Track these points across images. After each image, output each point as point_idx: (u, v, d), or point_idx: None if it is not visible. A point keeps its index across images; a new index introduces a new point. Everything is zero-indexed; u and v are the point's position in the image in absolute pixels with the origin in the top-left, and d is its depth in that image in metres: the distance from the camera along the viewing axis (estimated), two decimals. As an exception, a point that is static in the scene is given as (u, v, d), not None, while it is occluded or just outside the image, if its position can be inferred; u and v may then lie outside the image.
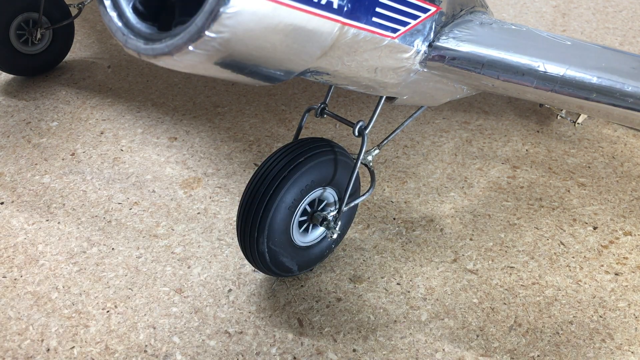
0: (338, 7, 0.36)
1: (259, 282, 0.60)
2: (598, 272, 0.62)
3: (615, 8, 1.32)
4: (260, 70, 0.37)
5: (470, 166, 0.79)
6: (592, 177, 0.77)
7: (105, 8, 0.35)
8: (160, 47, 0.33)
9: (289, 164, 0.52)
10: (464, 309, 0.58)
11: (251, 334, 0.55)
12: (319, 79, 0.44)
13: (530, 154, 0.81)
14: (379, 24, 0.40)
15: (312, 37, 0.36)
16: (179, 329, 0.55)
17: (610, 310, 0.58)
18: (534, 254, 0.64)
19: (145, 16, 0.35)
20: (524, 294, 0.60)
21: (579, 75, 0.45)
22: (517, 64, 0.47)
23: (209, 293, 0.59)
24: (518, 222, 0.69)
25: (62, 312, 0.57)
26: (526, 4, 1.35)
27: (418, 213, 0.70)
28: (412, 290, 0.60)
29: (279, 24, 0.33)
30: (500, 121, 0.89)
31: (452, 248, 0.65)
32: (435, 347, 0.54)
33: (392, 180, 0.75)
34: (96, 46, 1.11)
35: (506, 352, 0.54)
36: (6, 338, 0.54)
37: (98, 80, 1.00)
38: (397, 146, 0.82)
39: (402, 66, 0.47)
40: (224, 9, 0.30)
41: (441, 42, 0.48)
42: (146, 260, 0.63)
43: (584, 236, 0.67)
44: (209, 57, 0.33)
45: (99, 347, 0.54)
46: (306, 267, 0.60)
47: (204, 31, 0.31)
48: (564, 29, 1.23)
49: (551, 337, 0.55)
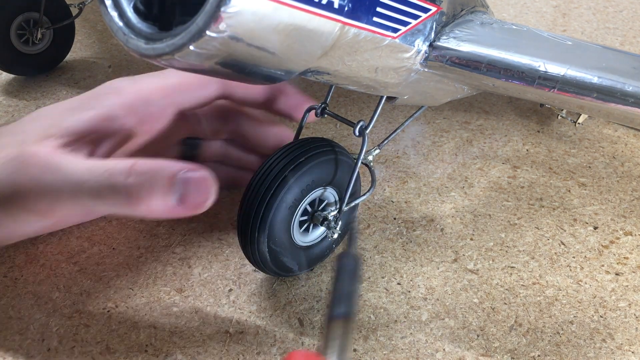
0: (339, 6, 0.36)
1: (259, 281, 0.60)
2: (599, 272, 0.62)
3: (616, 8, 1.32)
4: (261, 70, 0.37)
5: (470, 166, 0.79)
6: (592, 177, 0.77)
7: (106, 8, 0.35)
8: (161, 47, 0.33)
9: (290, 164, 0.52)
10: (464, 309, 0.58)
11: (252, 333, 0.55)
12: (319, 79, 0.44)
13: (530, 153, 0.81)
14: (380, 23, 0.40)
15: (313, 37, 0.36)
16: (180, 329, 0.55)
17: (610, 310, 0.58)
18: (534, 254, 0.64)
19: (146, 16, 0.35)
20: (525, 293, 0.60)
21: (579, 75, 0.45)
22: (517, 64, 0.47)
23: (210, 293, 0.59)
24: (518, 222, 0.69)
25: (62, 312, 0.57)
26: (526, 3, 1.35)
27: (418, 213, 0.70)
28: (413, 290, 0.60)
29: (280, 24, 0.33)
30: (501, 121, 0.89)
31: (452, 248, 0.65)
32: (436, 346, 0.54)
33: (392, 180, 0.75)
34: (97, 46, 1.11)
35: (507, 352, 0.54)
36: (7, 338, 0.54)
37: (99, 80, 1.00)
38: (397, 146, 0.82)
39: (403, 66, 0.47)
40: (225, 8, 0.30)
41: (442, 42, 0.48)
42: (147, 259, 0.63)
43: (585, 236, 0.67)
44: (209, 57, 0.33)
45: (100, 347, 0.54)
46: (307, 267, 0.60)
47: (204, 31, 0.31)
48: (564, 28, 1.23)
49: (552, 337, 0.55)
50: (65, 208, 0.50)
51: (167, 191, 0.46)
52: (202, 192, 0.47)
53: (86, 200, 0.48)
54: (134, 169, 0.47)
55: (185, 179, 0.47)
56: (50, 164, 0.48)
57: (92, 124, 0.54)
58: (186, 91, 0.60)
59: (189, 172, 0.47)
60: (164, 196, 0.46)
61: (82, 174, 0.48)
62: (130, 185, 0.46)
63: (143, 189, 0.46)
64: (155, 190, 0.46)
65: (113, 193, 0.47)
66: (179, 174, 0.47)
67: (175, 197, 0.46)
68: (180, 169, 0.47)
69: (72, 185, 0.48)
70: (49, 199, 0.49)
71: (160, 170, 0.47)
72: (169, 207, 0.47)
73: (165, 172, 0.47)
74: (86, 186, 0.47)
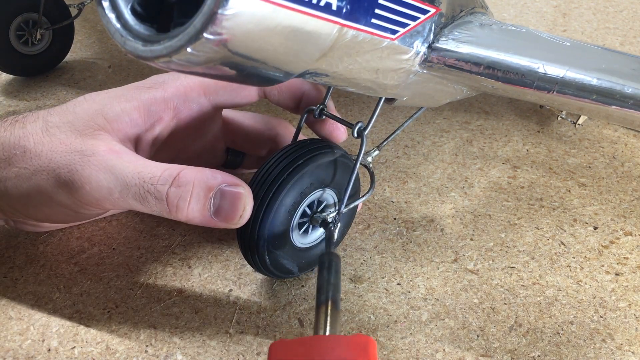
0: (337, 8, 0.36)
1: (259, 282, 0.60)
2: (598, 272, 0.62)
3: (616, 8, 1.32)
4: (259, 72, 0.37)
5: (470, 166, 0.79)
6: (592, 177, 0.77)
7: (103, 9, 0.35)
8: (158, 49, 0.33)
9: (288, 167, 0.52)
10: (464, 309, 0.58)
11: (252, 334, 0.55)
12: (318, 81, 0.44)
13: (530, 154, 0.81)
14: (378, 25, 0.40)
15: (311, 39, 0.36)
16: (180, 329, 0.55)
17: (610, 311, 0.58)
18: (534, 254, 0.64)
19: (143, 18, 0.35)
20: (525, 294, 0.60)
21: (578, 77, 0.45)
22: (516, 66, 0.47)
23: (210, 293, 0.59)
24: (518, 222, 0.69)
25: (63, 312, 0.57)
26: (527, 4, 1.35)
27: (418, 213, 0.70)
28: (413, 290, 0.60)
29: (278, 26, 0.33)
30: (501, 121, 0.89)
31: (452, 248, 0.65)
32: (436, 347, 0.54)
33: (392, 180, 0.75)
34: (97, 46, 1.11)
35: (507, 352, 0.54)
36: (7, 338, 0.54)
37: (99, 80, 1.00)
38: (397, 146, 0.82)
39: (402, 67, 0.47)
40: (223, 10, 0.30)
41: (441, 43, 0.48)
42: (147, 260, 0.63)
43: (585, 236, 0.67)
44: (207, 59, 0.33)
45: (100, 347, 0.54)
46: (307, 268, 0.60)
47: (202, 33, 0.31)
48: (564, 29, 1.23)
49: (552, 337, 0.55)
50: (111, 205, 0.54)
51: (205, 201, 0.50)
52: (237, 207, 0.51)
53: (131, 202, 0.52)
54: (177, 180, 0.51)
55: (222, 192, 0.50)
56: (108, 165, 0.53)
57: (133, 117, 0.58)
58: (227, 90, 0.63)
59: (229, 186, 0.51)
60: (202, 207, 0.50)
61: (132, 177, 0.52)
62: (171, 195, 0.50)
63: (182, 199, 0.50)
64: (194, 201, 0.50)
65: (156, 199, 0.51)
66: (218, 187, 0.50)
67: (212, 209, 0.50)
68: (222, 182, 0.51)
69: (122, 186, 0.52)
70: (101, 194, 0.53)
71: (202, 181, 0.50)
72: (206, 217, 0.51)
73: (207, 184, 0.50)
74: (134, 189, 0.51)
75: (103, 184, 0.52)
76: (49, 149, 0.55)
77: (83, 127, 0.56)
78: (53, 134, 0.56)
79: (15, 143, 0.56)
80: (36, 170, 0.55)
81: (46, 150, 0.55)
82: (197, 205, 0.50)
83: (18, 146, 0.56)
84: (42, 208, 0.57)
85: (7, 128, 0.58)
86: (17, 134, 0.57)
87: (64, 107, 0.59)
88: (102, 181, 0.52)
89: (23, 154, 0.56)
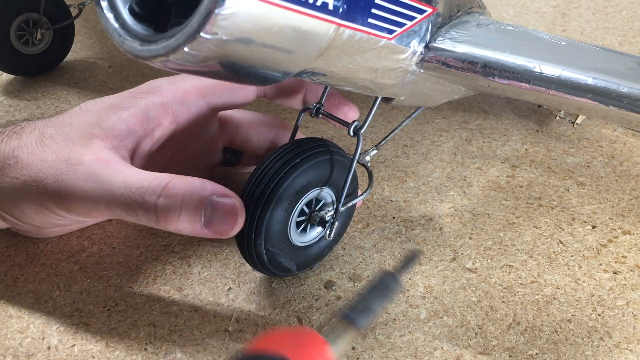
0: (334, 8, 0.36)
1: (258, 280, 0.61)
2: (597, 271, 0.62)
3: (615, 8, 1.32)
4: (256, 72, 0.37)
5: (469, 165, 0.79)
6: (591, 177, 0.77)
7: (102, 9, 0.35)
8: (156, 49, 0.33)
9: (285, 165, 0.52)
10: (462, 307, 0.58)
11: (251, 332, 0.55)
12: (315, 80, 0.44)
13: (529, 153, 0.81)
14: (375, 25, 0.40)
15: (308, 39, 0.36)
16: (179, 327, 0.56)
17: (608, 309, 0.58)
18: (532, 253, 0.65)
19: (141, 17, 0.35)
20: (523, 292, 0.60)
21: (574, 76, 0.45)
22: (513, 65, 0.47)
23: (209, 291, 0.59)
24: (517, 221, 0.69)
25: (63, 311, 0.57)
26: (526, 4, 1.35)
27: (417, 212, 0.70)
28: (411, 288, 0.60)
29: (275, 26, 0.33)
30: (500, 121, 0.89)
31: (451, 247, 0.65)
32: (434, 345, 0.54)
33: (391, 179, 0.76)
34: (97, 46, 1.12)
35: (505, 350, 0.54)
36: (7, 336, 0.55)
37: (99, 80, 1.00)
38: (396, 145, 0.83)
39: (399, 67, 0.47)
40: (219, 10, 0.30)
41: (438, 43, 0.48)
42: (146, 258, 0.63)
43: (583, 235, 0.67)
44: (204, 59, 0.33)
45: (100, 345, 0.54)
46: (305, 267, 0.60)
47: (199, 32, 0.31)
48: (563, 29, 1.23)
49: (550, 335, 0.55)
50: (99, 214, 0.53)
51: (196, 213, 0.49)
52: (229, 220, 0.50)
53: (119, 212, 0.51)
54: (166, 191, 0.49)
55: (214, 204, 0.49)
56: (94, 174, 0.52)
57: (130, 124, 0.58)
58: (224, 91, 0.63)
59: (220, 197, 0.50)
60: (192, 218, 0.49)
61: (118, 187, 0.51)
62: (159, 206, 0.49)
63: (171, 211, 0.49)
64: (183, 213, 0.49)
65: (143, 210, 0.50)
66: (209, 199, 0.49)
67: (203, 220, 0.49)
68: (212, 193, 0.49)
69: (108, 197, 0.51)
70: (87, 205, 0.52)
71: (192, 192, 0.49)
72: (196, 228, 0.50)
73: (197, 195, 0.49)
74: (120, 200, 0.50)
75: (89, 194, 0.51)
76: (40, 159, 0.54)
77: (77, 137, 0.55)
78: (47, 144, 0.55)
79: (10, 153, 0.56)
80: (26, 181, 0.54)
81: (37, 160, 0.55)
82: (187, 217, 0.49)
83: (12, 156, 0.56)
84: (38, 216, 0.57)
85: (4, 139, 0.58)
86: (13, 144, 0.57)
87: (60, 118, 0.59)
88: (88, 191, 0.51)
89: (15, 164, 0.55)
